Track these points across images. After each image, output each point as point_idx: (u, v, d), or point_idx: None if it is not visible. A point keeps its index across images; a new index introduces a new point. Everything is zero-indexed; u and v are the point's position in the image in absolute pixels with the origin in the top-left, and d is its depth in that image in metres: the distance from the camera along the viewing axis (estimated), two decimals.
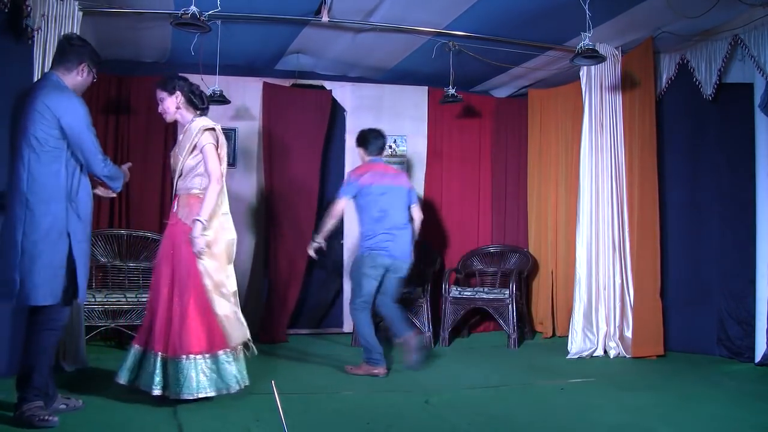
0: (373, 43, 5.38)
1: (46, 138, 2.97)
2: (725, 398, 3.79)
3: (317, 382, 4.19)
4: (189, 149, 3.50)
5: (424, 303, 5.62)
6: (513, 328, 5.55)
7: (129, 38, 5.28)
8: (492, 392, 3.99)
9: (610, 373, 4.56)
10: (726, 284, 5.00)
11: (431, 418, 3.40)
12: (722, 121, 5.10)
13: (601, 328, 5.09)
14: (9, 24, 3.95)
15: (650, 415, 3.42)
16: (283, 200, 6.01)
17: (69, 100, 3.04)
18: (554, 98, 6.28)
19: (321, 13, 4.71)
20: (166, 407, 3.36)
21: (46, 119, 2.96)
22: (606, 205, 5.15)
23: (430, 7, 4.68)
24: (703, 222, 5.19)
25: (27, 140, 2.96)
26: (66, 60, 3.14)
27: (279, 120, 5.98)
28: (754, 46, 4.57)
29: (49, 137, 2.97)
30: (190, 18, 3.89)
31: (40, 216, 2.95)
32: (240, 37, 5.16)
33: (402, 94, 6.40)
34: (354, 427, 3.19)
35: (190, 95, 3.59)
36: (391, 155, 6.33)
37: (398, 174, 4.88)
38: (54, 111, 2.97)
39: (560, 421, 3.35)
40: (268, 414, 3.24)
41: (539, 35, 5.15)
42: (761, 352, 4.52)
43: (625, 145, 5.17)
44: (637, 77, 5.15)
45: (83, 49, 3.18)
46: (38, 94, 3.01)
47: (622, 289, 5.12)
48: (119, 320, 4.95)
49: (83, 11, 4.35)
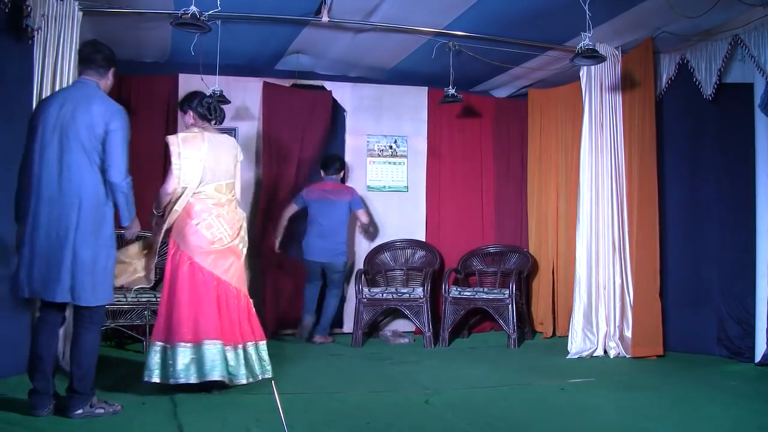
0: (373, 43, 5.38)
1: (95, 145, 3.07)
2: (725, 398, 3.78)
3: (317, 382, 4.19)
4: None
5: (424, 303, 5.62)
6: (513, 328, 5.55)
7: (129, 38, 5.27)
8: (492, 392, 3.99)
9: (610, 373, 4.56)
10: (726, 284, 5.00)
11: (431, 418, 3.40)
12: (722, 121, 5.09)
13: (601, 328, 5.09)
14: (9, 24, 3.95)
15: (650, 415, 3.42)
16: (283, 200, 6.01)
17: (116, 107, 3.16)
18: (554, 98, 6.28)
19: (321, 13, 4.71)
20: (166, 407, 3.37)
21: (96, 127, 3.06)
22: (606, 205, 5.15)
23: (430, 7, 4.68)
24: (703, 222, 5.18)
25: (77, 147, 3.04)
26: (98, 65, 3.23)
27: (279, 120, 5.98)
28: (754, 46, 4.57)
29: (98, 144, 3.07)
30: (190, 18, 3.90)
31: (94, 221, 3.07)
32: (240, 37, 5.16)
33: (402, 95, 6.40)
34: (354, 427, 3.19)
35: (199, 110, 3.89)
36: (392, 155, 6.34)
37: (342, 190, 5.80)
38: (104, 117, 3.07)
39: (560, 421, 3.35)
40: (268, 414, 3.23)
41: (539, 35, 5.15)
42: (761, 352, 4.52)
43: (625, 145, 5.16)
44: (637, 77, 5.14)
45: (112, 54, 3.30)
46: (84, 102, 3.09)
47: (622, 289, 5.12)
48: (119, 320, 4.94)
49: (83, 11, 4.35)
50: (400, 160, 6.37)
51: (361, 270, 5.97)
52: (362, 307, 5.67)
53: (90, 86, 3.20)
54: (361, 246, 6.20)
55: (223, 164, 3.84)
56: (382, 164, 6.33)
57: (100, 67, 3.24)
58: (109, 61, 3.27)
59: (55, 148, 3.06)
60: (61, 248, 3.00)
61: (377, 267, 6.17)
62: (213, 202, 3.79)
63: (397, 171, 6.36)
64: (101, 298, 3.15)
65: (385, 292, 5.74)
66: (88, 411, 3.13)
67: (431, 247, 6.27)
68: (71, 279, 3.02)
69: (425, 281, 5.75)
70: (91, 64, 3.23)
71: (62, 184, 3.04)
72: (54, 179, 3.04)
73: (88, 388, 3.16)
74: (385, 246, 6.22)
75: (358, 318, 5.66)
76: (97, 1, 4.44)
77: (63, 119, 3.07)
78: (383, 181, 6.33)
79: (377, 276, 6.14)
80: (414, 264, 6.25)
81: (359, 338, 5.61)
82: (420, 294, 5.65)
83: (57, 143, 3.06)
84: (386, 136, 6.36)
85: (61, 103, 3.11)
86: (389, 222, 6.28)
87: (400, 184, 6.36)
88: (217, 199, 3.80)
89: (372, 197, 6.27)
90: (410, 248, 6.29)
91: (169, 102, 5.76)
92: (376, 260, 6.19)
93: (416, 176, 6.40)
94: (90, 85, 3.20)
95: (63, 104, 3.10)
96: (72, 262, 3.01)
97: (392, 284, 6.07)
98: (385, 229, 6.25)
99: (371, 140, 6.33)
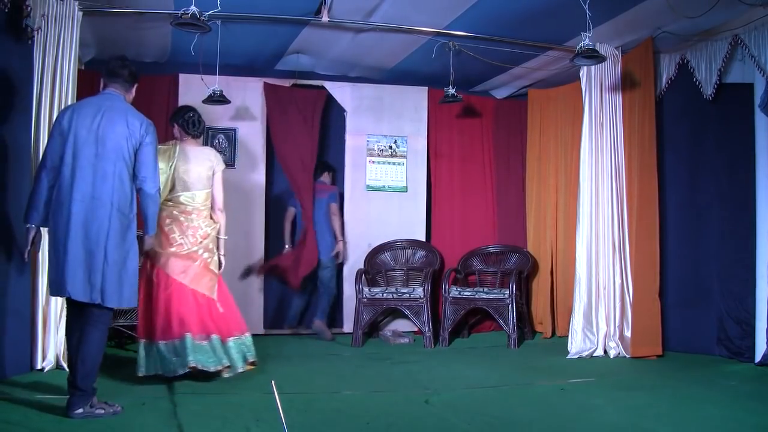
0: (373, 43, 5.39)
1: (130, 155, 3.25)
2: (725, 398, 3.78)
3: (317, 382, 4.19)
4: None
5: (424, 303, 5.63)
6: (513, 328, 5.55)
7: (129, 38, 5.28)
8: (492, 392, 3.99)
9: (610, 373, 4.56)
10: (726, 284, 4.99)
11: (431, 418, 3.40)
12: (722, 121, 5.09)
13: (601, 328, 5.09)
14: (9, 24, 3.95)
15: (650, 415, 3.42)
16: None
17: (149, 121, 3.36)
18: (554, 98, 6.28)
19: (321, 13, 4.71)
20: (166, 407, 3.37)
21: (133, 138, 3.24)
22: (606, 205, 5.15)
23: (430, 7, 4.68)
24: (702, 222, 5.18)
25: (113, 156, 3.19)
26: (124, 80, 3.40)
27: (280, 120, 5.99)
28: (754, 46, 4.57)
29: (132, 154, 3.25)
30: (190, 18, 3.89)
31: (122, 226, 3.21)
32: (240, 37, 5.16)
33: (402, 95, 6.40)
34: (354, 427, 3.19)
35: (182, 123, 4.17)
36: (392, 155, 6.34)
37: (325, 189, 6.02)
38: (140, 130, 3.26)
39: (560, 421, 3.35)
40: (268, 414, 3.23)
41: (539, 35, 5.15)
42: (761, 352, 4.52)
43: (625, 145, 5.16)
44: (637, 77, 5.14)
45: (137, 72, 3.49)
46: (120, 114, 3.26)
47: (622, 289, 5.12)
48: (119, 320, 4.94)
49: (83, 11, 4.35)
50: (400, 160, 6.37)
51: (361, 270, 5.97)
52: (362, 307, 5.67)
53: (119, 99, 3.35)
54: (362, 246, 6.20)
55: (193, 174, 4.08)
56: (382, 164, 6.33)
57: (126, 81, 3.40)
58: (134, 77, 3.45)
59: (91, 154, 3.17)
60: (95, 251, 3.13)
61: (377, 267, 6.17)
62: (179, 210, 4.06)
63: (396, 171, 6.36)
64: (126, 301, 3.26)
65: (386, 292, 5.75)
66: (88, 411, 3.15)
67: (431, 247, 6.27)
68: (102, 281, 3.14)
69: (425, 281, 5.75)
70: (118, 78, 3.38)
71: (96, 190, 3.16)
72: (89, 184, 3.15)
73: (90, 386, 3.17)
74: (385, 246, 6.22)
75: (358, 318, 5.66)
76: (97, 1, 4.44)
77: (100, 128, 3.20)
78: (383, 181, 6.33)
79: (377, 276, 6.14)
80: (414, 264, 6.25)
81: (359, 338, 5.61)
82: (420, 294, 5.65)
83: (93, 150, 3.17)
84: (386, 136, 6.36)
85: (95, 112, 3.23)
86: (389, 222, 6.28)
87: (399, 184, 6.36)
88: (183, 208, 4.06)
89: (372, 197, 6.28)
90: (410, 248, 6.29)
91: (169, 102, 5.76)
92: (376, 260, 6.19)
93: (416, 176, 6.40)
94: (119, 98, 3.36)
95: (97, 113, 3.23)
96: (103, 263, 3.14)
97: (392, 284, 6.07)
98: (384, 229, 6.25)
99: (371, 140, 6.33)
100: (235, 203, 5.89)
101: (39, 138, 4.18)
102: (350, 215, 6.22)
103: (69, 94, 4.28)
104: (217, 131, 5.93)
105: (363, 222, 6.23)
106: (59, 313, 4.17)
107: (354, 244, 6.19)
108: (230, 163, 5.92)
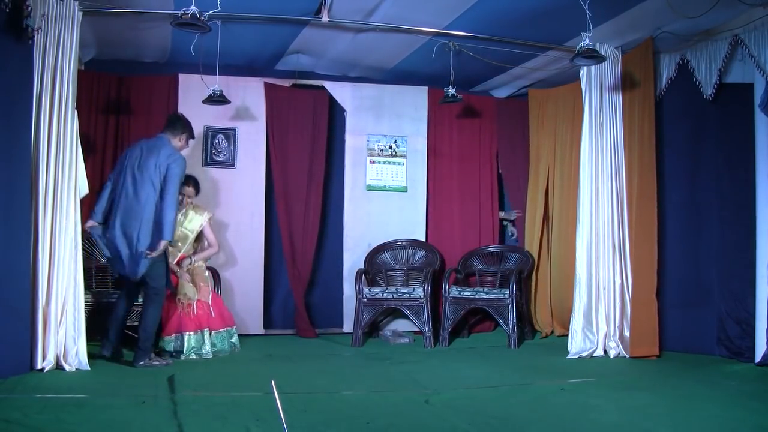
0: (373, 43, 5.39)
1: (158, 178, 4.32)
2: (725, 398, 3.79)
3: (317, 382, 4.19)
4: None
5: (424, 303, 5.62)
6: (513, 328, 5.55)
7: (129, 38, 5.28)
8: (492, 392, 3.99)
9: (609, 373, 4.56)
10: (726, 284, 4.99)
11: (431, 418, 3.40)
12: (722, 121, 5.09)
13: (601, 328, 5.09)
14: (9, 24, 3.95)
15: (650, 415, 3.42)
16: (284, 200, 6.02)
17: (179, 155, 4.46)
18: (554, 98, 6.28)
19: (321, 13, 4.71)
20: (166, 407, 3.37)
21: (161, 166, 4.32)
22: (606, 205, 5.15)
23: (430, 7, 4.68)
24: (702, 222, 5.18)
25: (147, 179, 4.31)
26: (174, 128, 4.57)
27: (281, 120, 5.99)
28: (754, 46, 4.57)
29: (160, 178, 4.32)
30: (190, 18, 3.90)
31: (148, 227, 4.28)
32: (240, 37, 5.16)
33: (402, 95, 6.40)
34: (354, 427, 3.19)
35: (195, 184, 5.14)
36: (392, 155, 6.34)
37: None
38: (167, 160, 4.34)
39: (560, 421, 3.35)
40: (268, 414, 3.24)
41: (539, 35, 5.15)
42: (761, 352, 4.52)
43: (625, 145, 5.16)
44: (637, 77, 5.14)
45: (188, 124, 4.66)
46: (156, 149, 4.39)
47: (622, 289, 5.12)
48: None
49: (83, 11, 4.35)
50: (400, 159, 6.37)
51: (361, 270, 5.97)
52: (362, 306, 5.67)
53: (164, 140, 4.48)
54: (362, 246, 6.20)
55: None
56: (382, 164, 6.33)
57: (176, 130, 4.56)
58: (184, 128, 4.61)
59: (132, 179, 4.35)
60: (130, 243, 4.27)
61: (377, 267, 6.17)
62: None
63: (397, 171, 6.36)
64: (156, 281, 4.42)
65: (386, 292, 5.75)
66: (147, 363, 4.38)
67: (431, 247, 6.27)
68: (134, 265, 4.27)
69: (425, 281, 5.75)
70: (171, 126, 4.57)
71: (133, 203, 4.31)
72: (131, 199, 4.32)
73: (149, 346, 4.43)
74: (385, 246, 6.22)
75: (358, 318, 5.66)
76: (97, 1, 4.44)
77: (140, 161, 4.37)
78: (383, 180, 6.33)
79: (377, 276, 6.14)
80: (414, 264, 6.25)
81: (359, 338, 5.62)
82: (420, 294, 5.65)
83: (132, 176, 4.35)
84: (386, 135, 6.36)
85: (140, 150, 4.42)
86: (389, 222, 6.28)
87: (400, 184, 6.36)
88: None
89: (372, 197, 6.28)
90: (410, 248, 6.29)
91: (169, 102, 5.77)
92: (376, 260, 6.19)
93: (416, 176, 6.40)
94: (164, 140, 4.48)
95: (142, 151, 4.41)
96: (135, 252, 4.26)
97: (392, 284, 6.07)
98: (385, 229, 6.25)
99: (371, 140, 6.33)
100: (236, 202, 5.91)
101: (39, 138, 4.18)
102: (350, 215, 6.22)
103: (69, 94, 4.28)
104: (217, 131, 5.92)
105: (363, 222, 6.23)
106: (59, 313, 4.17)
107: (354, 244, 6.20)
108: (230, 163, 5.92)
